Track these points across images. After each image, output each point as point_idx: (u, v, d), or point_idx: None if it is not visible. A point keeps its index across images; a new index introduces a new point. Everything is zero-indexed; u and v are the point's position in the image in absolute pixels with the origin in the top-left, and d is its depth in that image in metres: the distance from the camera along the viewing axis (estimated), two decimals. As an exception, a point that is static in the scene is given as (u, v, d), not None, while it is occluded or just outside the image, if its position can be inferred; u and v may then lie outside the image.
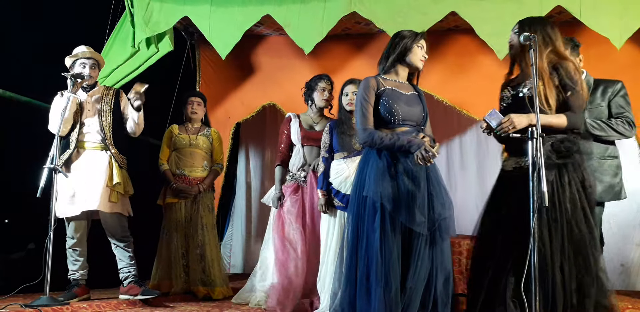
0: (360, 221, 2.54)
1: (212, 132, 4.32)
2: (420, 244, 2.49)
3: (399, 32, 2.76)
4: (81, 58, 3.65)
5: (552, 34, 2.62)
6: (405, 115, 2.62)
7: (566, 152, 2.50)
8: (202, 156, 4.20)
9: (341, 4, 4.16)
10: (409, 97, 2.69)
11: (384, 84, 2.66)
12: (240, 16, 4.34)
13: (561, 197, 2.46)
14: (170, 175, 4.14)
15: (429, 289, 2.49)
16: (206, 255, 4.05)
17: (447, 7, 4.11)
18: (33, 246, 4.16)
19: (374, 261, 2.43)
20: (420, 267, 2.47)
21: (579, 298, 2.38)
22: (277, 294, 3.45)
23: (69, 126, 3.54)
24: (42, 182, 3.15)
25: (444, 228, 2.53)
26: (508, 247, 2.50)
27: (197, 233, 4.07)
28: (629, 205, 4.69)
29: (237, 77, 5.24)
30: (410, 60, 2.70)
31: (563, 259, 2.40)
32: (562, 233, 2.43)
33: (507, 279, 2.45)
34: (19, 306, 3.08)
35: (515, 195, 2.53)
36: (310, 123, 3.77)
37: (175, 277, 4.05)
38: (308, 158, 3.67)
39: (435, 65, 4.87)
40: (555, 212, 2.44)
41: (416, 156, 2.45)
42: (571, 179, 2.49)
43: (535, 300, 2.23)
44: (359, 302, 2.47)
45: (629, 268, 4.80)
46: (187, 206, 4.12)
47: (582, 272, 2.40)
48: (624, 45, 3.95)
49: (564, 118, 2.51)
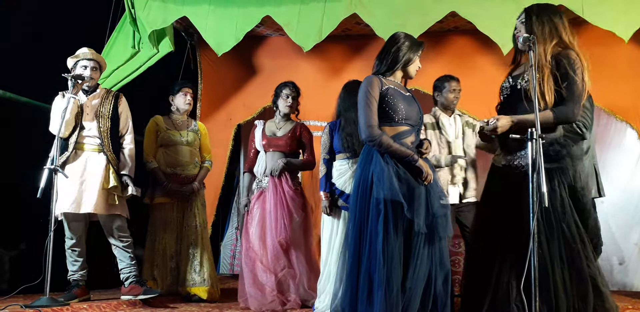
0: (364, 222, 2.54)
1: (200, 126, 4.22)
2: (419, 244, 2.50)
3: (399, 38, 2.74)
4: (83, 59, 3.64)
5: (559, 25, 2.55)
6: (407, 114, 2.64)
7: (555, 156, 2.48)
8: (193, 152, 4.10)
9: (341, 5, 4.16)
10: (408, 98, 2.72)
11: (386, 84, 2.68)
12: (239, 16, 4.34)
13: (553, 200, 2.43)
14: (160, 174, 3.96)
15: (429, 289, 2.50)
16: (198, 254, 3.97)
17: (448, 7, 4.11)
18: (24, 246, 4.13)
19: (377, 263, 2.44)
20: (419, 266, 2.48)
21: (579, 306, 2.36)
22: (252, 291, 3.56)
23: (70, 128, 3.53)
24: (42, 182, 3.14)
25: (441, 227, 2.54)
26: (508, 249, 2.49)
27: (190, 232, 3.99)
28: (627, 205, 4.70)
29: (238, 78, 5.24)
30: (408, 70, 2.75)
31: (562, 264, 2.39)
32: (558, 237, 2.42)
33: (509, 282, 2.44)
34: (19, 307, 3.07)
35: (505, 193, 2.53)
36: (274, 129, 3.87)
37: (161, 279, 3.94)
38: (269, 164, 3.76)
39: (434, 66, 4.86)
40: (549, 215, 2.43)
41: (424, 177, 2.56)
42: (560, 183, 2.47)
43: (535, 301, 2.22)
44: (359, 304, 2.47)
45: (628, 268, 4.81)
46: (179, 205, 4.02)
47: (576, 279, 2.38)
48: (625, 46, 3.95)
49: (550, 114, 2.46)
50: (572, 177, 2.49)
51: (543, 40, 2.52)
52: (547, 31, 2.52)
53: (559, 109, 2.47)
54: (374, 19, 4.17)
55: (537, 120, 2.32)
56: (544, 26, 2.53)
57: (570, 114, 2.47)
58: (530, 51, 2.40)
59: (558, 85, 2.49)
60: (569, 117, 2.48)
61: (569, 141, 2.54)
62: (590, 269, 2.41)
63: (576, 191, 2.49)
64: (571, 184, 2.48)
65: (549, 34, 2.53)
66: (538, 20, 2.53)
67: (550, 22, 2.54)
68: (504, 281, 2.45)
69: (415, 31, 4.13)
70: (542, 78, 2.46)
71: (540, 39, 2.52)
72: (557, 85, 2.49)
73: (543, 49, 2.51)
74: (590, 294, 2.37)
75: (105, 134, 3.60)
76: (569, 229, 2.43)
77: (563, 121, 2.51)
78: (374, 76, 2.69)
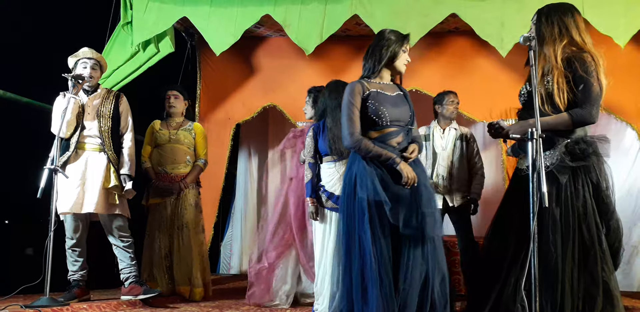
0: (351, 223, 2.56)
1: (195, 126, 4.23)
2: (409, 245, 2.50)
3: (383, 34, 2.73)
4: (83, 58, 3.64)
5: (570, 24, 2.52)
6: (393, 116, 2.63)
7: (581, 154, 2.44)
8: (184, 151, 4.11)
9: (342, 6, 4.16)
10: (395, 98, 2.69)
11: (369, 87, 2.67)
12: (239, 16, 4.35)
13: (574, 201, 2.41)
14: (152, 172, 4.06)
15: (426, 291, 2.48)
16: (188, 254, 3.97)
17: (448, 8, 4.11)
18: (31, 251, 4.13)
19: (368, 262, 2.45)
20: (412, 268, 2.47)
21: (584, 308, 2.34)
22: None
23: (72, 128, 3.53)
24: (42, 183, 3.14)
25: (429, 227, 2.50)
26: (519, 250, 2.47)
27: (179, 232, 4.00)
28: (626, 206, 4.70)
29: (238, 78, 5.24)
30: (396, 66, 2.72)
31: (573, 265, 2.37)
32: (574, 238, 2.39)
33: (517, 283, 2.41)
34: (19, 307, 3.07)
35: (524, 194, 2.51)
36: None
37: (160, 279, 3.97)
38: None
39: (434, 66, 4.88)
40: (568, 216, 2.40)
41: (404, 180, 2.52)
42: (585, 183, 2.43)
43: (536, 301, 2.22)
44: (356, 303, 2.48)
45: (628, 269, 4.80)
46: (171, 204, 4.04)
47: (588, 280, 2.36)
48: (625, 46, 3.96)
49: (567, 117, 2.44)
50: (598, 176, 2.45)
51: (552, 41, 2.50)
52: (556, 32, 2.50)
53: (576, 112, 2.44)
54: (375, 20, 4.17)
55: (537, 120, 2.30)
56: (553, 27, 2.50)
57: (587, 116, 2.44)
58: (530, 51, 2.37)
59: (570, 87, 2.46)
60: (587, 119, 2.45)
61: (594, 139, 2.50)
62: (605, 273, 2.37)
63: (601, 191, 2.45)
64: (595, 183, 2.45)
65: (558, 35, 2.50)
66: (548, 21, 2.51)
67: (561, 22, 2.52)
68: (511, 282, 2.43)
69: (416, 33, 4.14)
70: (552, 79, 2.44)
71: (550, 40, 2.50)
72: (570, 87, 2.46)
73: (553, 49, 2.49)
74: (599, 298, 2.34)
75: (106, 134, 3.61)
76: (589, 231, 2.40)
77: (581, 123, 2.48)
78: (356, 82, 2.68)
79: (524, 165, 2.60)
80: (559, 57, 2.48)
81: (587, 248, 2.39)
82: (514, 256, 2.47)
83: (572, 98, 2.46)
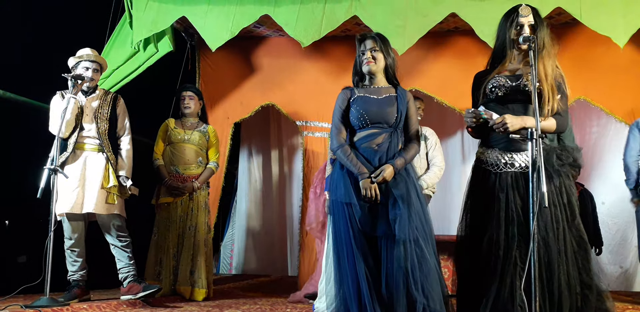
0: (337, 223, 2.67)
1: (210, 129, 4.29)
2: (386, 247, 2.56)
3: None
4: (85, 61, 3.65)
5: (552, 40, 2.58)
6: (374, 118, 2.71)
7: (562, 161, 2.51)
8: (197, 151, 4.17)
9: (341, 6, 4.16)
10: (381, 101, 2.75)
11: (356, 93, 2.80)
12: (237, 14, 4.35)
13: (562, 200, 2.46)
14: (164, 171, 4.09)
15: (411, 292, 2.49)
16: (195, 255, 4.01)
17: (447, 8, 4.11)
18: (24, 259, 4.11)
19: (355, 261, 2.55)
20: (391, 270, 2.51)
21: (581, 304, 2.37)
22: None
23: (70, 128, 3.53)
24: (42, 183, 3.15)
25: (400, 230, 2.53)
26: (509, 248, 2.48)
27: (190, 233, 4.03)
28: (628, 207, 4.69)
29: (237, 78, 5.23)
30: (360, 69, 2.84)
31: (567, 262, 2.40)
32: (564, 236, 2.43)
33: (513, 283, 2.41)
34: (19, 307, 3.07)
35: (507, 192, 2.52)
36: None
37: (165, 279, 3.98)
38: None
39: (435, 66, 4.87)
40: (558, 214, 2.44)
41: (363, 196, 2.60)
42: (566, 185, 2.50)
43: (535, 301, 2.22)
44: (349, 303, 2.53)
45: (628, 269, 4.81)
46: (182, 205, 4.08)
47: (579, 277, 2.40)
48: (625, 45, 3.95)
49: (553, 121, 2.49)
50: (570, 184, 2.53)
51: (547, 54, 2.53)
52: (548, 42, 2.54)
53: (559, 119, 2.50)
54: (374, 20, 4.17)
55: (537, 120, 2.31)
56: (545, 37, 2.53)
57: (565, 125, 2.54)
58: (530, 51, 2.38)
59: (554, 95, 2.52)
60: (564, 128, 2.55)
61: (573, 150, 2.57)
62: (592, 269, 2.42)
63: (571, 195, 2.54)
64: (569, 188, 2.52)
65: (550, 45, 2.54)
66: (547, 33, 2.54)
67: (550, 36, 2.56)
68: (507, 283, 2.43)
69: (415, 33, 4.14)
70: (548, 86, 2.46)
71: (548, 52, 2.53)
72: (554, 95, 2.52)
73: (550, 62, 2.52)
74: (593, 294, 2.38)
75: (104, 136, 3.63)
76: (577, 229, 2.45)
77: (560, 131, 2.56)
78: (344, 90, 2.85)
79: (490, 157, 2.58)
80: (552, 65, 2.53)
81: (578, 245, 2.44)
82: (505, 255, 2.48)
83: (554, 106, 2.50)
